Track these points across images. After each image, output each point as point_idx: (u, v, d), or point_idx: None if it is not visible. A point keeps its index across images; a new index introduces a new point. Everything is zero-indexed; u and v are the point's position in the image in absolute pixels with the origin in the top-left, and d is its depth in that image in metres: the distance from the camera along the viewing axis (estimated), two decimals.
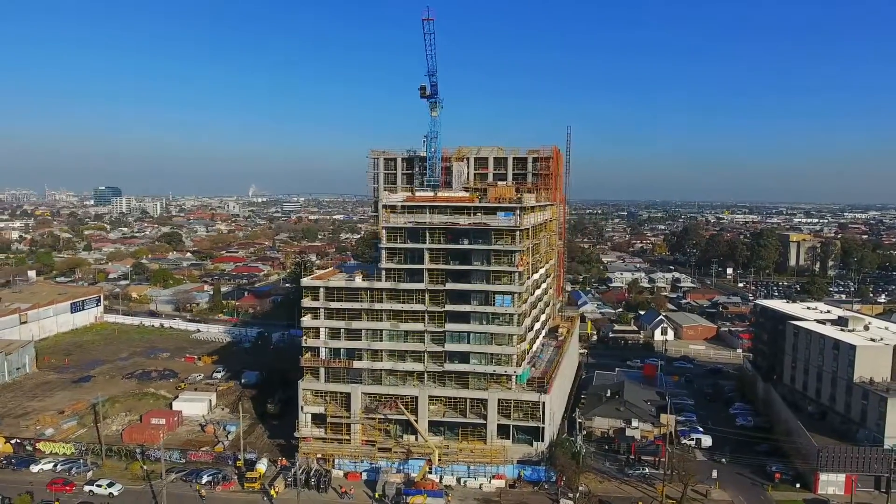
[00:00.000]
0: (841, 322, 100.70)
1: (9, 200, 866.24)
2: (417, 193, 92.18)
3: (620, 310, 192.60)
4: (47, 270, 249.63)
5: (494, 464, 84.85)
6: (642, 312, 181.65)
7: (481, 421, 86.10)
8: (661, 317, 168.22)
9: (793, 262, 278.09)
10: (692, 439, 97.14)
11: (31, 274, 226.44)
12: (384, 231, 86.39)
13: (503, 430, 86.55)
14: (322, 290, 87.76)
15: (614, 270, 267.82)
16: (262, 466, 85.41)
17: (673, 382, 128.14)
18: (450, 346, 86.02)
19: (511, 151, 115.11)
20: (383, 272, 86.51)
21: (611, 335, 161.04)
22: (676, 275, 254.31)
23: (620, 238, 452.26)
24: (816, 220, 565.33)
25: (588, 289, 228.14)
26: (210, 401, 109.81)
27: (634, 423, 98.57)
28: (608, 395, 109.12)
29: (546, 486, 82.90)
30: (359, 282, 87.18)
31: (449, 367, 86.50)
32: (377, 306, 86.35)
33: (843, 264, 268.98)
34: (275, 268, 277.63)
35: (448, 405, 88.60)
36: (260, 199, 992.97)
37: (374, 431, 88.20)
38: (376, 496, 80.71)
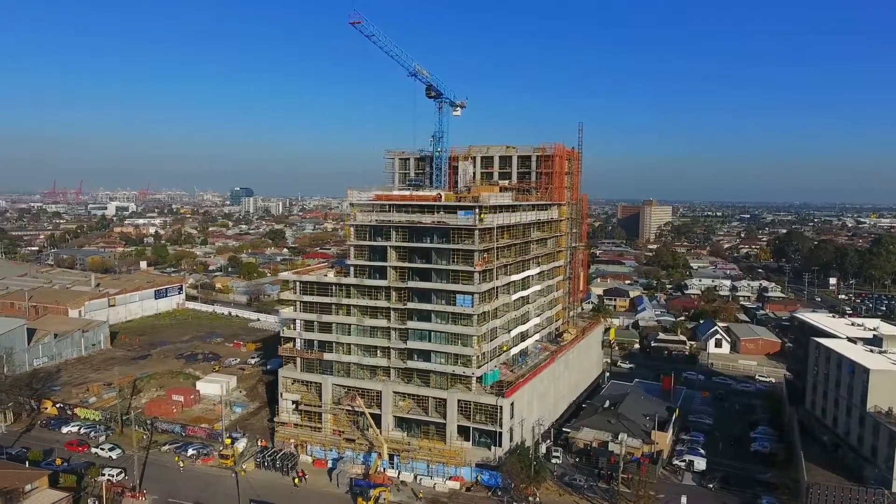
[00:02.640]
0: (874, 342, 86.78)
1: (164, 200, 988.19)
2: (396, 192, 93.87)
3: (682, 318, 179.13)
4: (161, 261, 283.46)
5: (452, 465, 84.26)
6: (702, 322, 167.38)
7: (443, 421, 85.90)
8: (715, 327, 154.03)
9: None
10: (683, 460, 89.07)
11: (143, 264, 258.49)
12: (352, 229, 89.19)
13: (464, 432, 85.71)
14: (297, 284, 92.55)
15: (698, 276, 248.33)
16: (239, 445, 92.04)
17: (700, 398, 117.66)
18: (411, 344, 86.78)
19: (517, 150, 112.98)
20: (351, 268, 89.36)
21: (653, 344, 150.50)
22: (765, 283, 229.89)
23: (730, 242, 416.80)
24: None
25: (656, 294, 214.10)
26: (228, 383, 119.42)
27: (621, 437, 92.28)
28: (605, 405, 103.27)
29: (500, 493, 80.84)
30: (329, 277, 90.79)
31: (410, 364, 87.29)
32: (344, 301, 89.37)
33: None
34: None
35: (416, 402, 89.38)
36: None
37: (343, 422, 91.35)
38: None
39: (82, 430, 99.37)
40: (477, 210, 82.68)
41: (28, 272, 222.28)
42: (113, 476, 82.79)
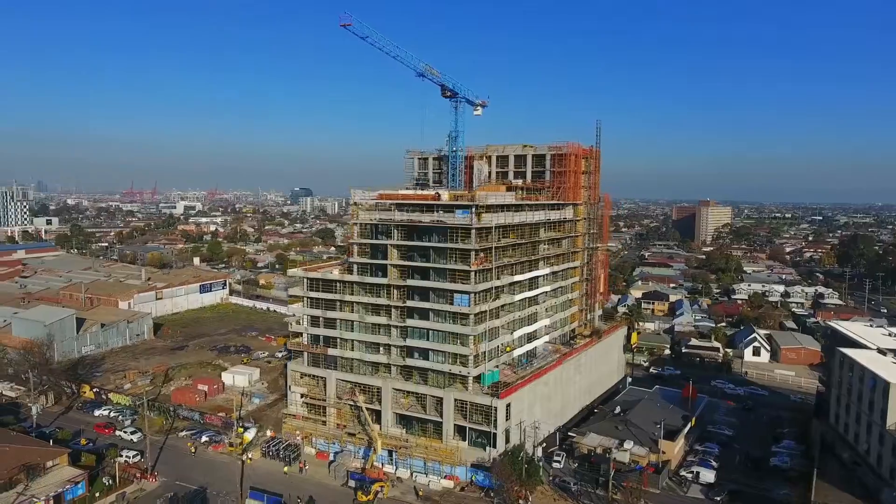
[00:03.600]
0: None
1: (230, 200, 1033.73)
2: (398, 192, 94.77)
3: (723, 324, 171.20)
4: (214, 258, 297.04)
5: (448, 464, 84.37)
6: (742, 329, 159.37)
7: (440, 419, 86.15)
8: (754, 334, 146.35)
9: None
10: (691, 471, 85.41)
11: (196, 260, 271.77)
12: (355, 227, 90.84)
13: (461, 432, 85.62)
14: (305, 280, 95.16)
15: (750, 281, 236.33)
16: (248, 435, 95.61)
17: (725, 408, 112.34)
18: (410, 342, 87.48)
19: (532, 149, 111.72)
20: (355, 266, 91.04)
21: (684, 350, 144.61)
22: (822, 289, 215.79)
23: (794, 246, 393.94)
24: None
25: (698, 299, 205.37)
26: (251, 375, 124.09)
27: (627, 444, 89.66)
28: (616, 411, 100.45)
29: (492, 494, 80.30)
30: (334, 274, 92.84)
31: (410, 361, 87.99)
32: (347, 298, 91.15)
33: None
34: None
35: (417, 400, 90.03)
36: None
37: (346, 416, 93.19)
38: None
39: (112, 414, 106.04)
40: (473, 209, 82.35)
41: (92, 266, 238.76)
42: (129, 458, 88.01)
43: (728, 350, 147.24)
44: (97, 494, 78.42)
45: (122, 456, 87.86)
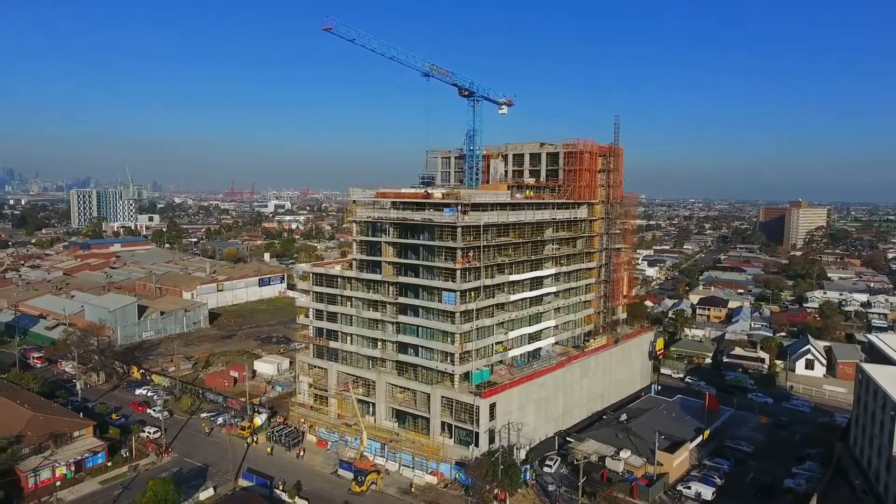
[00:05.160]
0: None
1: (320, 199, 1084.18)
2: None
3: (783, 334, 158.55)
4: (286, 254, 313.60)
5: (433, 460, 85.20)
6: (798, 339, 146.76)
7: (428, 415, 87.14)
8: (808, 346, 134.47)
9: None
10: (688, 487, 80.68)
11: (266, 256, 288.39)
12: (354, 224, 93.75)
13: (449, 429, 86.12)
14: (311, 275, 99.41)
15: (829, 288, 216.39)
16: (259, 420, 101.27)
17: (755, 424, 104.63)
18: (402, 338, 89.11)
19: (549, 147, 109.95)
20: (354, 263, 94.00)
21: (725, 360, 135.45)
22: None
23: None
24: None
25: (760, 306, 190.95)
26: (280, 364, 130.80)
27: (624, 453, 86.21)
28: (622, 419, 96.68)
29: (471, 493, 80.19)
30: (336, 270, 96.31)
31: (402, 357, 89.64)
32: (347, 293, 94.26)
33: None
34: None
35: (411, 395, 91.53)
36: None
37: (345, 407, 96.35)
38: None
39: (148, 394, 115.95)
40: (458, 207, 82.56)
41: (173, 259, 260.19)
42: (150, 434, 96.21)
43: (778, 362, 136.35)
44: (109, 464, 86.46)
45: (144, 432, 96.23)
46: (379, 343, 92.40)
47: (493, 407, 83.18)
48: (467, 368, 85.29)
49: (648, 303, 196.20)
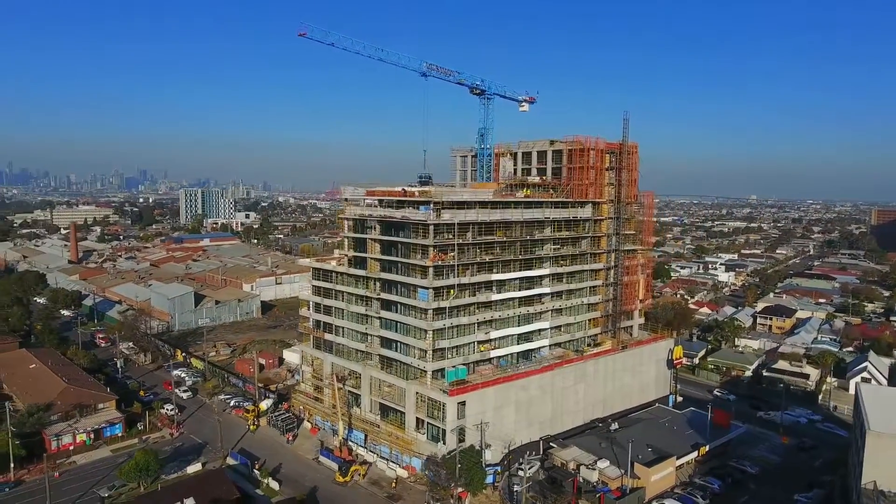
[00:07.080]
0: None
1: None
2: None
3: (851, 349, 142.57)
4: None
5: (406, 454, 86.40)
6: (859, 355, 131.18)
7: (404, 409, 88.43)
8: (866, 363, 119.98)
9: None
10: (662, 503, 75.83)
11: (336, 251, 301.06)
12: (343, 222, 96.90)
13: (422, 424, 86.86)
14: (312, 269, 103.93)
15: None
16: (264, 405, 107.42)
17: (775, 444, 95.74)
18: (383, 332, 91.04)
19: (557, 144, 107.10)
20: (345, 259, 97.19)
21: (764, 374, 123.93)
22: None
23: None
24: None
25: (834, 318, 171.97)
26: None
27: (602, 463, 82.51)
28: (612, 428, 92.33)
29: (431, 489, 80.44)
30: (331, 265, 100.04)
31: (382, 351, 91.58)
32: (338, 287, 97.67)
33: None
34: None
35: (394, 390, 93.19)
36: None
37: (336, 396, 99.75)
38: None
39: (182, 375, 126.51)
40: (431, 206, 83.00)
41: (249, 253, 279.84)
42: (168, 410, 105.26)
43: (832, 379, 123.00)
44: (123, 435, 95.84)
45: (164, 409, 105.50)
46: (367, 337, 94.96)
47: (462, 406, 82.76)
48: (440, 365, 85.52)
49: (706, 310, 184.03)
